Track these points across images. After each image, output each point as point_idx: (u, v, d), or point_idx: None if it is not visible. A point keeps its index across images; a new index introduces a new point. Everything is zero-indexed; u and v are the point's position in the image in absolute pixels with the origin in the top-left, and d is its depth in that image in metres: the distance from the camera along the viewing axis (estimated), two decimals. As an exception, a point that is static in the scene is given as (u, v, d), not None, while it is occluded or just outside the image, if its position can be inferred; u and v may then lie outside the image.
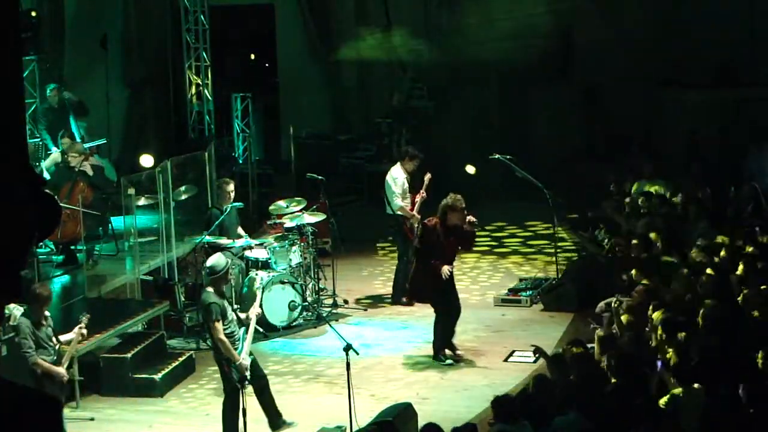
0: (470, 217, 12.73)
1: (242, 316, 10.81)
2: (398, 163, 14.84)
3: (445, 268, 12.50)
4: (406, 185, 14.61)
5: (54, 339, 10.65)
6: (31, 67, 17.43)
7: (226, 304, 10.56)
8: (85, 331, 10.89)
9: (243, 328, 10.63)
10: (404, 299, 14.50)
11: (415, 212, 14.59)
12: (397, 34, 21.05)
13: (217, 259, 10.82)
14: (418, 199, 14.64)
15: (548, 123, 20.70)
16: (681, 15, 20.06)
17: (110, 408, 11.80)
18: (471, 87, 20.82)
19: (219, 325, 10.30)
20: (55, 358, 10.56)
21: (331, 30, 22.37)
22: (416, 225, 14.23)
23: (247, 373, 10.36)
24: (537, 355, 11.09)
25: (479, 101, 20.92)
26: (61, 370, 10.51)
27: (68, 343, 10.75)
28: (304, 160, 20.36)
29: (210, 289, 10.53)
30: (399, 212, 14.56)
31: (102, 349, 12.39)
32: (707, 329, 10.39)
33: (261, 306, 11.42)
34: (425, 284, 12.72)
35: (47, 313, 10.70)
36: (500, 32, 20.30)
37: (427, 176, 14.59)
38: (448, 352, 12.72)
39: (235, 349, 10.37)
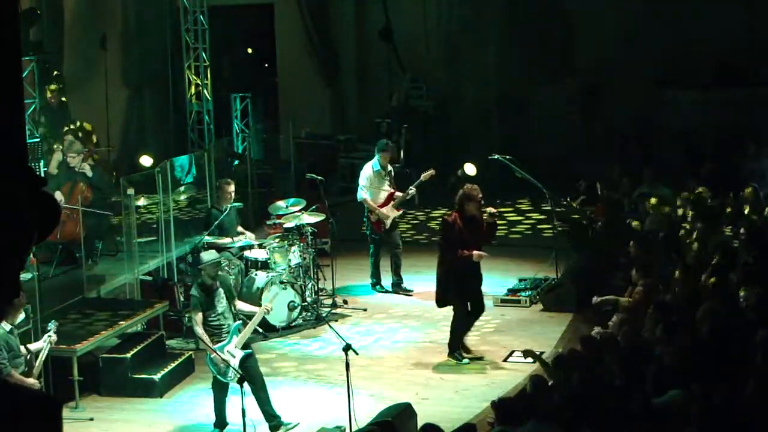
0: (490, 208, 12.76)
1: (252, 309, 11.22)
2: (375, 157, 15.14)
3: (476, 253, 12.39)
4: (374, 178, 14.97)
5: (23, 348, 10.61)
6: (31, 67, 17.43)
7: (216, 296, 10.94)
8: (54, 338, 10.84)
9: (239, 323, 10.89)
10: (378, 286, 15.21)
11: (386, 209, 14.97)
12: None
13: (206, 252, 11.46)
14: (397, 194, 14.98)
15: (548, 122, 20.71)
16: (680, 14, 20.07)
17: (109, 408, 11.79)
18: (472, 86, 20.83)
19: (195, 316, 10.91)
20: (26, 369, 10.52)
21: (330, 30, 22.38)
22: (385, 220, 14.93)
23: (230, 365, 10.58)
24: (527, 358, 11.10)
25: (479, 101, 20.92)
26: (33, 381, 10.46)
27: (38, 352, 10.71)
28: (304, 160, 20.38)
29: (198, 281, 11.16)
30: (364, 204, 14.99)
31: (101, 349, 12.38)
32: (705, 329, 10.38)
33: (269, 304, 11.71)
34: (449, 284, 12.53)
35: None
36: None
37: (428, 172, 14.76)
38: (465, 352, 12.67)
39: (221, 341, 10.75)
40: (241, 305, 11.37)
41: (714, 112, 19.32)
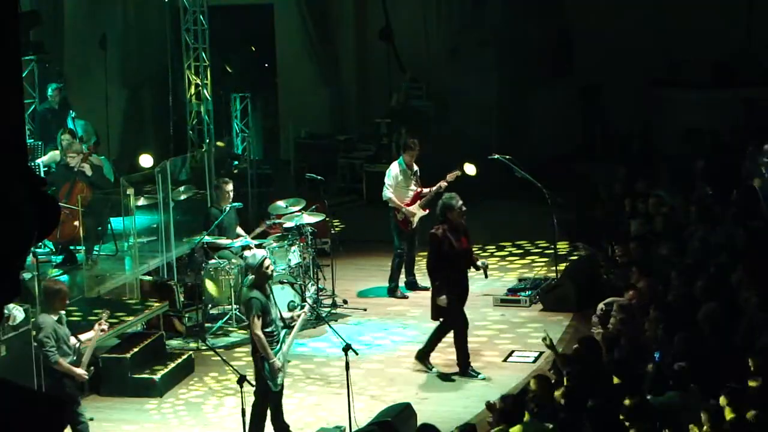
0: (481, 260, 12.66)
1: (287, 315, 10.72)
2: (401, 156, 15.19)
3: (443, 298, 12.08)
4: (400, 177, 14.89)
5: (73, 338, 10.56)
6: (31, 67, 17.42)
7: (270, 302, 10.37)
8: (105, 327, 10.78)
9: (285, 331, 10.48)
10: (398, 293, 14.96)
11: (413, 208, 14.86)
12: None
13: (250, 255, 10.83)
14: (426, 191, 14.89)
15: (547, 122, 20.71)
16: (679, 14, 20.08)
17: (109, 408, 11.80)
18: (472, 86, 20.83)
19: (258, 321, 10.13)
20: (74, 358, 10.46)
21: (330, 30, 22.38)
22: (411, 218, 14.82)
23: (281, 375, 10.25)
24: (546, 342, 10.89)
25: (479, 101, 20.92)
26: (82, 371, 10.40)
27: (88, 341, 10.66)
28: (304, 160, 20.37)
29: (253, 285, 10.41)
30: (390, 204, 14.89)
31: (101, 349, 12.37)
32: (706, 329, 10.39)
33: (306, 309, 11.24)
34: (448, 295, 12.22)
35: (62, 312, 10.64)
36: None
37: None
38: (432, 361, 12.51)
39: (272, 349, 10.20)
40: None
41: (714, 112, 19.32)
